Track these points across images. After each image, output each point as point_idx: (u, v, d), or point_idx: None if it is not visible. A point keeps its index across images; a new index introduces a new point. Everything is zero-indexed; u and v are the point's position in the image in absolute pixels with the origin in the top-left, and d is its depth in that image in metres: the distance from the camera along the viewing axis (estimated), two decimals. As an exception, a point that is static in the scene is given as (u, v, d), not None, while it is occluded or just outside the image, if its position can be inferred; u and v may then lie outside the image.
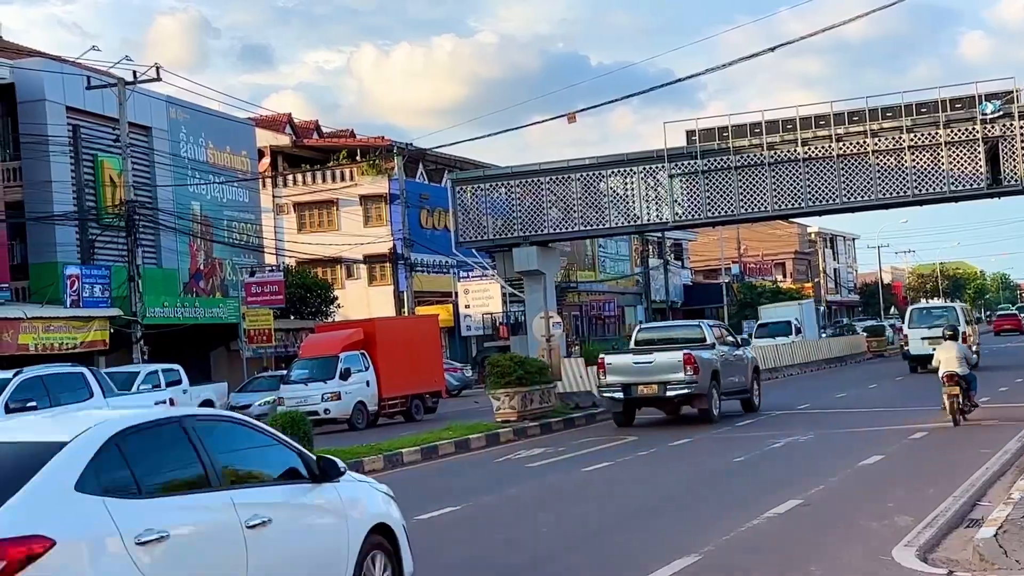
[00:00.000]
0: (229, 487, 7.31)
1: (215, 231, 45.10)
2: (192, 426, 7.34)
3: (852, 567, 9.89)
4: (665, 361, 25.09)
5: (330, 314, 50.90)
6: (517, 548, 11.75)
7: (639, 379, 25.26)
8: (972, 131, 40.38)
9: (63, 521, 6.15)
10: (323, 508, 8.04)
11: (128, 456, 6.76)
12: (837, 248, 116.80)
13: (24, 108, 37.44)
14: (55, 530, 6.05)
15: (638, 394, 25.32)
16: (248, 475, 7.74)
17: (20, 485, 6.20)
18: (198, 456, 7.18)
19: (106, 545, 6.29)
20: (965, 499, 12.78)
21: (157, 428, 7.19)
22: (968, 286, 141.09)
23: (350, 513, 8.19)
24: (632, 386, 25.28)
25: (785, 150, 42.39)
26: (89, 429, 6.76)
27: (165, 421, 7.33)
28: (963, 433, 20.26)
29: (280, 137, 59.51)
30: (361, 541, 8.21)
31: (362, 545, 8.21)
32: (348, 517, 8.15)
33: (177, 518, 6.74)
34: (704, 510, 13.38)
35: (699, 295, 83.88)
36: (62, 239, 37.40)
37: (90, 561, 6.20)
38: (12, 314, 34.07)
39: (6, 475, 6.27)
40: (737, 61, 51.50)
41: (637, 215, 44.89)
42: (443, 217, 54.27)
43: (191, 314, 41.57)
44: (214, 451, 7.32)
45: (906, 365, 41.75)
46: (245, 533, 7.17)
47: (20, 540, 5.88)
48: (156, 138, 42.09)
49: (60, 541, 6.02)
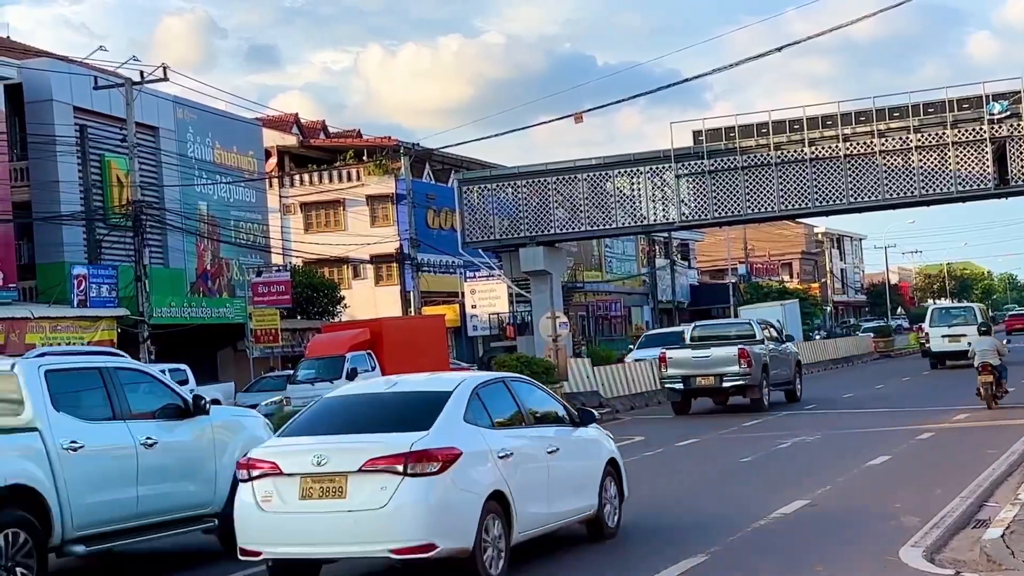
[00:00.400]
0: (534, 425, 11.16)
1: (222, 231, 45.13)
2: (510, 383, 11.34)
3: (859, 568, 9.89)
4: (721, 355, 27.80)
5: (337, 314, 50.91)
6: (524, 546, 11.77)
7: (697, 371, 27.94)
8: (979, 131, 40.33)
9: (462, 439, 9.80)
10: (584, 444, 11.74)
11: (484, 401, 10.52)
12: (844, 248, 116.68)
13: (31, 108, 37.48)
14: (460, 444, 9.69)
15: (696, 385, 27.98)
16: (542, 416, 11.47)
17: (433, 418, 9.86)
18: (516, 403, 11.05)
19: (485, 456, 9.98)
20: (972, 500, 12.77)
21: (494, 383, 11.05)
22: (975, 286, 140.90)
23: (596, 449, 11.94)
24: (691, 378, 27.97)
25: (792, 150, 42.37)
26: (461, 383, 10.52)
27: (498, 380, 11.25)
28: (969, 433, 20.28)
29: (287, 137, 59.54)
30: (602, 469, 11.83)
31: (603, 471, 11.83)
32: (596, 452, 11.89)
33: (512, 443, 10.42)
34: (710, 510, 13.37)
35: (706, 295, 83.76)
36: (69, 239, 37.44)
37: (478, 465, 9.83)
38: (19, 314, 34.12)
39: (422, 411, 9.96)
40: (744, 61, 51.48)
41: (644, 215, 44.89)
42: (450, 217, 54.27)
43: (198, 314, 41.59)
44: (523, 401, 11.19)
45: (912, 366, 41.99)
46: (547, 456, 10.90)
47: (446, 449, 9.49)
48: (163, 138, 42.11)
49: (464, 451, 9.66)
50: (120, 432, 11.15)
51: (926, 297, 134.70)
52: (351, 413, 10.34)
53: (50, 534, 10.22)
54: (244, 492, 9.79)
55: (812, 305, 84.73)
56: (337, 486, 9.37)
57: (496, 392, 10.87)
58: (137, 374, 12.10)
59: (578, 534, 11.72)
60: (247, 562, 10.03)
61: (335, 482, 9.39)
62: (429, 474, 9.31)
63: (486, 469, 9.90)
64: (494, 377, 11.36)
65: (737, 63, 46.59)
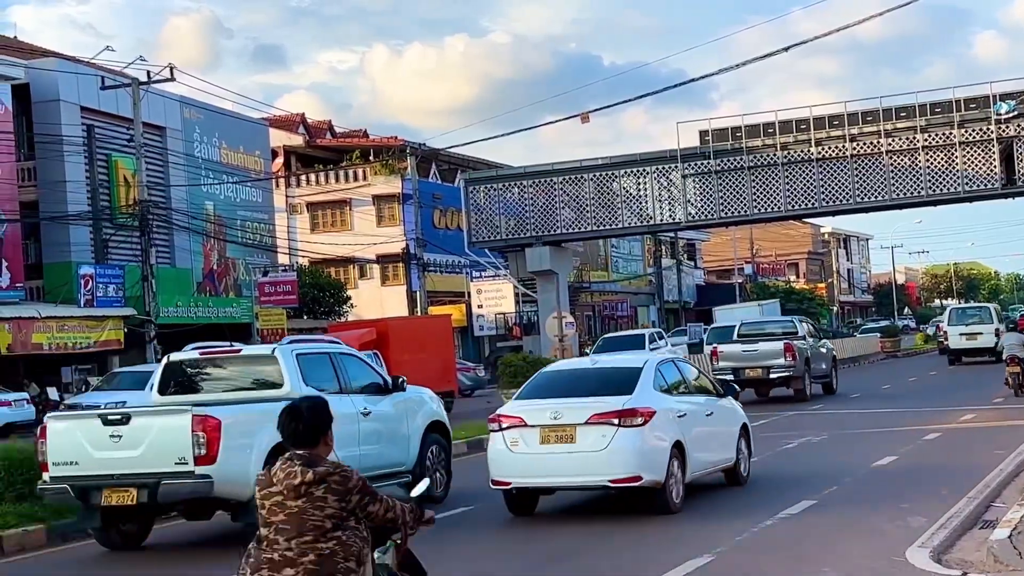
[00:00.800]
0: (694, 394, 14.51)
1: (228, 231, 45.16)
2: (678, 363, 15.11)
3: (865, 568, 9.88)
4: (768, 349, 30.71)
5: (343, 314, 50.95)
6: (533, 546, 11.77)
7: (746, 364, 30.73)
8: (986, 131, 40.30)
9: (654, 401, 13.17)
10: (727, 410, 15.14)
11: (663, 374, 13.95)
12: (850, 248, 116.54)
13: (39, 108, 37.54)
14: (654, 405, 13.06)
15: (745, 376, 30.34)
16: (699, 388, 14.86)
17: (633, 386, 13.23)
18: (682, 377, 14.49)
19: (668, 414, 13.30)
20: (979, 500, 12.74)
21: (668, 361, 14.73)
22: (982, 287, 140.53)
23: (734, 415, 15.33)
24: (740, 370, 30.57)
25: (799, 150, 42.35)
26: (648, 361, 14.12)
27: (669, 359, 14.96)
28: (976, 434, 20.24)
29: (293, 137, 59.59)
30: (738, 430, 15.17)
31: (739, 432, 15.15)
32: (734, 418, 15.28)
33: (684, 407, 13.79)
34: (717, 510, 13.36)
35: (712, 295, 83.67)
36: (76, 239, 37.50)
37: (665, 421, 13.13)
38: (26, 313, 34.19)
39: (624, 381, 13.38)
40: (750, 61, 51.40)
41: (650, 215, 44.88)
42: (456, 217, 54.29)
43: (204, 314, 41.63)
44: (686, 376, 14.66)
45: (918, 365, 42.03)
46: (705, 418, 14.29)
47: (645, 408, 12.86)
48: (170, 138, 42.16)
49: (657, 409, 13.00)
50: (347, 403, 13.65)
51: (933, 297, 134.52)
52: (569, 382, 13.88)
53: None
54: (496, 440, 13.29)
55: (818, 305, 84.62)
56: (568, 434, 12.76)
57: (669, 368, 14.40)
58: (352, 358, 15.06)
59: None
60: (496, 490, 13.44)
61: (567, 431, 12.77)
62: (636, 426, 12.70)
63: (670, 424, 13.27)
64: (668, 357, 15.38)
65: (743, 63, 46.58)
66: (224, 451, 11.90)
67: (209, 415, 12.00)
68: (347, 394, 13.91)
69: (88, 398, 31.13)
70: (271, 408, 11.76)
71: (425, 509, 5.82)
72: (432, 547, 9.44)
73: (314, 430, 5.60)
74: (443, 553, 10.87)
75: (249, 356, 14.25)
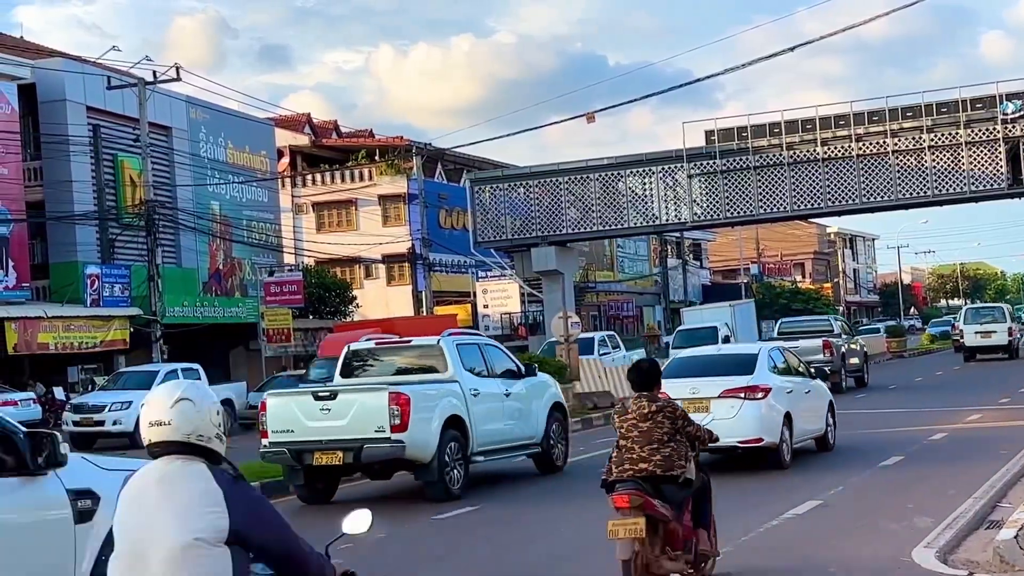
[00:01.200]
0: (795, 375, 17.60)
1: (234, 231, 45.19)
2: (782, 350, 18.25)
3: (871, 568, 9.87)
4: (808, 346, 32.01)
5: (349, 314, 50.97)
6: (535, 546, 11.78)
7: None
8: (992, 131, 40.25)
9: (771, 380, 16.48)
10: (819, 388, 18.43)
11: (773, 358, 17.22)
12: (856, 248, 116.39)
13: (45, 108, 37.58)
14: (770, 383, 16.36)
15: None
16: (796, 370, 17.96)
17: (752, 367, 16.47)
18: (786, 360, 17.73)
19: (780, 391, 16.55)
20: (985, 500, 12.72)
21: (776, 349, 18.12)
22: (989, 287, 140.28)
23: (824, 392, 18.59)
24: None
25: (804, 150, 42.32)
26: (761, 348, 17.60)
27: (777, 347, 18.32)
28: (982, 435, 20.22)
29: (299, 137, 59.62)
30: (827, 405, 18.40)
31: (828, 406, 18.40)
32: (824, 394, 18.48)
33: (789, 385, 16.99)
34: (723, 511, 13.29)
35: (718, 295, 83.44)
36: (82, 239, 37.53)
37: (778, 395, 16.36)
38: (33, 313, 34.24)
39: (744, 363, 16.64)
40: (756, 61, 51.34)
41: (656, 215, 44.87)
42: (462, 217, 54.29)
43: (210, 313, 41.67)
44: (788, 360, 17.79)
45: (923, 366, 42.11)
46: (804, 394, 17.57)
47: (764, 385, 16.13)
48: (176, 138, 42.19)
49: (772, 387, 16.29)
50: (494, 385, 16.72)
51: (939, 297, 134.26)
52: (701, 365, 16.97)
53: (467, 448, 15.65)
54: None
55: (824, 305, 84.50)
56: (704, 405, 15.65)
57: (777, 354, 17.81)
58: (493, 348, 18.08)
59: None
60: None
61: (703, 403, 15.65)
62: (757, 399, 15.95)
63: (782, 398, 16.54)
64: (776, 346, 19.12)
65: (749, 63, 46.40)
66: (413, 421, 14.77)
67: (401, 392, 14.89)
68: (492, 377, 16.90)
69: (94, 398, 31.19)
70: (444, 388, 15.79)
71: (710, 431, 9.35)
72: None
73: (653, 379, 9.01)
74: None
75: (417, 345, 17.29)
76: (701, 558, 9.02)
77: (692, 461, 8.85)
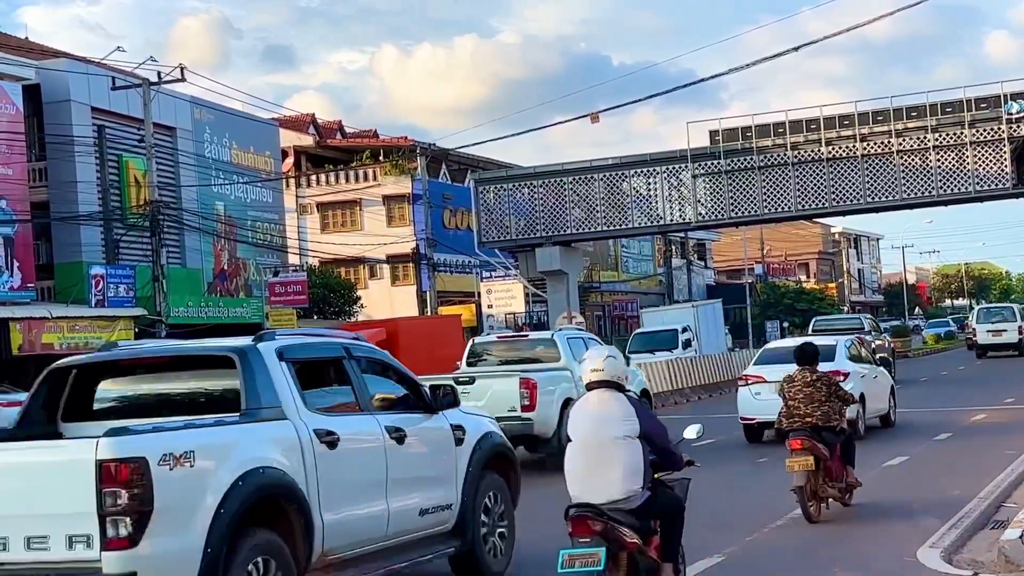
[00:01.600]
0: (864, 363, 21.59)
1: (239, 231, 45.19)
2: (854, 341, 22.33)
3: (876, 568, 9.87)
4: None
5: (353, 314, 50.98)
6: (537, 545, 11.78)
7: None
8: (997, 131, 40.20)
9: (849, 367, 20.43)
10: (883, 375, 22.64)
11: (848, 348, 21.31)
12: (861, 248, 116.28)
13: (49, 109, 37.58)
14: (847, 368, 20.30)
15: None
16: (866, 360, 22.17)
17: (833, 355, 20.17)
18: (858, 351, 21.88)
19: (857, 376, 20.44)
20: (990, 500, 12.72)
21: (850, 340, 21.96)
22: (994, 287, 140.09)
23: (887, 378, 22.43)
24: None
25: (809, 150, 42.28)
26: (839, 340, 21.57)
27: (853, 339, 22.64)
28: (987, 434, 20.21)
29: (303, 137, 59.64)
30: (889, 388, 22.24)
31: (890, 390, 22.05)
32: (887, 379, 22.35)
33: (861, 371, 21.02)
34: (727, 511, 13.34)
35: (722, 295, 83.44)
36: (87, 239, 37.54)
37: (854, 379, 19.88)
38: (37, 313, 34.25)
39: (827, 352, 18.12)
40: (760, 61, 51.37)
41: (660, 215, 44.85)
42: (466, 217, 54.29)
43: (215, 314, 41.66)
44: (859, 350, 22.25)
45: (927, 366, 42.24)
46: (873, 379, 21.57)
47: (844, 370, 19.72)
48: (180, 138, 42.19)
49: (850, 372, 20.16)
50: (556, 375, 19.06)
51: (944, 297, 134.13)
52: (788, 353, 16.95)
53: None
54: (743, 391, 20.95)
55: (829, 305, 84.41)
56: None
57: (852, 345, 21.40)
58: (594, 340, 20.27)
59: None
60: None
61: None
62: (841, 381, 15.94)
63: (858, 381, 19.92)
64: (851, 338, 22.54)
65: (753, 63, 46.48)
66: (540, 403, 17.34)
67: (529, 377, 17.52)
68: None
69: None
70: (559, 375, 18.51)
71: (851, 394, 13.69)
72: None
73: (814, 358, 12.87)
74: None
75: (534, 339, 20.28)
76: (849, 487, 12.75)
77: (843, 416, 12.77)
